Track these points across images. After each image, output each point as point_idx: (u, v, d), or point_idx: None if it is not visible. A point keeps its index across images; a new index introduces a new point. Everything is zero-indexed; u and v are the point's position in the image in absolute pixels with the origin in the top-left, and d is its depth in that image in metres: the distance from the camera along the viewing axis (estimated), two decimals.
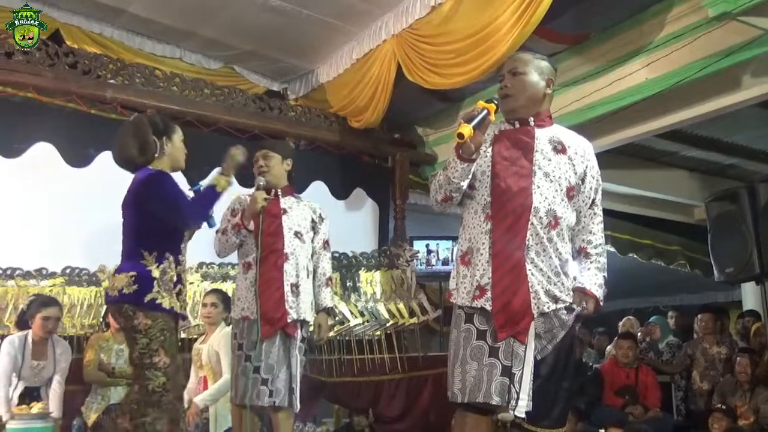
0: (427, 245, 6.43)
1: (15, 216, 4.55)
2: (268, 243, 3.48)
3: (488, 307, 2.44)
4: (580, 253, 2.63)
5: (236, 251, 3.63)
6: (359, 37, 5.58)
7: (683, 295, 10.30)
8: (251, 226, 3.50)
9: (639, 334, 6.85)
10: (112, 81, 5.07)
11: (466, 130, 2.35)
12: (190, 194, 3.26)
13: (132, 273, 2.89)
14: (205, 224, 3.24)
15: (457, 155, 2.45)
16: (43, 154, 4.80)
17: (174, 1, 5.24)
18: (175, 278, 2.96)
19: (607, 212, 2.71)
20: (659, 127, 5.05)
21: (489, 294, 2.44)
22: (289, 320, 3.45)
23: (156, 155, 3.07)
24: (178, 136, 3.18)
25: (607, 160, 5.71)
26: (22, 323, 4.16)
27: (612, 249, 7.76)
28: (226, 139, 5.53)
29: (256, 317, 3.41)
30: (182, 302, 3.01)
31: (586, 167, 2.60)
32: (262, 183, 3.56)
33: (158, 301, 2.88)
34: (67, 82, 4.90)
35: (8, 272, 4.53)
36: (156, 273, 2.91)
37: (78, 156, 4.84)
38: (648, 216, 7.99)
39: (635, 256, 8.29)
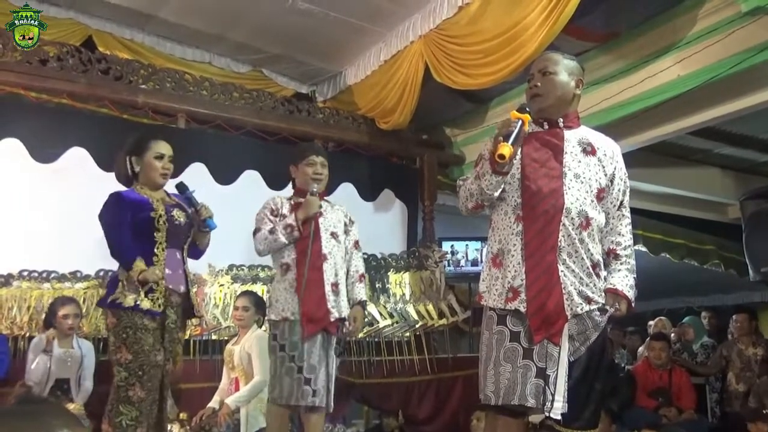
0: (452, 246, 6.41)
1: (50, 220, 4.63)
2: (308, 245, 3.50)
3: (522, 309, 2.43)
4: (609, 255, 2.62)
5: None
6: (387, 39, 5.59)
7: (717, 296, 10.13)
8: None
9: (672, 335, 6.75)
10: (143, 86, 5.13)
11: (507, 150, 2.34)
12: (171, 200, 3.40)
13: (108, 279, 3.17)
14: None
15: (493, 170, 2.45)
16: (76, 158, 4.88)
17: (203, 6, 5.30)
18: None
19: (638, 211, 2.70)
20: (691, 124, 4.97)
21: (523, 296, 2.43)
22: (332, 319, 3.51)
23: (130, 175, 3.31)
24: (150, 153, 3.29)
25: (638, 158, 5.65)
26: (48, 325, 4.27)
27: (643, 249, 7.66)
28: (256, 142, 5.59)
29: (297, 318, 3.44)
30: (154, 300, 3.10)
31: (615, 168, 2.59)
32: (315, 189, 3.61)
33: (119, 301, 3.07)
34: (99, 88, 4.98)
35: (44, 275, 4.61)
36: (123, 276, 3.13)
37: (111, 160, 4.87)
38: (680, 215, 7.87)
39: (667, 255, 8.17)
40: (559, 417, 2.37)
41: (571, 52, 2.72)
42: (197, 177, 4.97)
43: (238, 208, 4.03)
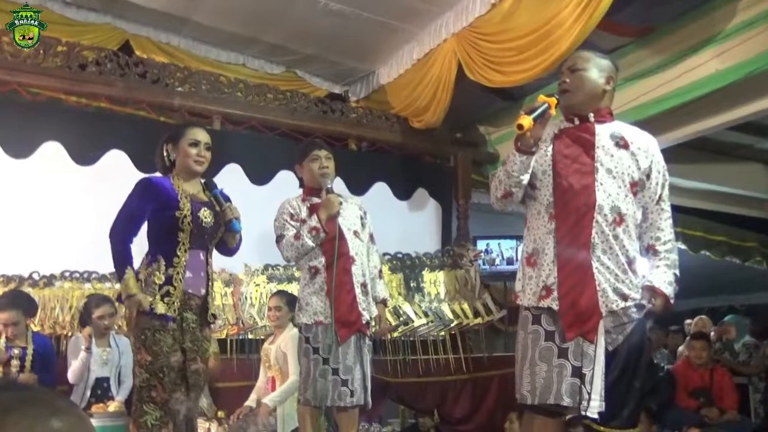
0: (487, 244, 6.36)
1: (90, 221, 4.71)
2: (334, 246, 3.47)
3: (555, 307, 2.42)
4: (648, 251, 2.58)
5: None
6: (419, 38, 5.58)
7: (760, 294, 9.90)
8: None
9: (712, 334, 6.62)
10: (179, 89, 5.21)
11: (526, 121, 2.36)
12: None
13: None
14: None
15: (516, 148, 2.47)
16: (114, 161, 4.97)
17: (237, 9, 5.35)
18: (162, 280, 2.98)
19: (678, 209, 2.66)
20: (732, 119, 4.87)
21: (555, 294, 2.43)
22: (364, 321, 3.50)
23: (167, 164, 3.20)
24: (185, 140, 3.15)
25: (676, 154, 5.55)
26: (84, 324, 4.33)
27: (683, 246, 7.53)
28: (290, 143, 5.63)
29: (331, 321, 3.42)
30: (170, 303, 2.98)
31: (651, 163, 2.55)
32: (330, 185, 3.57)
33: None
34: (137, 92, 5.07)
35: (85, 275, 4.72)
36: (142, 275, 3.00)
37: (148, 162, 4.95)
38: (722, 212, 7.71)
39: (708, 253, 8.01)
40: (596, 416, 2.35)
41: (606, 48, 2.71)
42: (232, 178, 5.04)
43: (273, 209, 4.06)
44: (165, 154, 3.20)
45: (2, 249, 4.53)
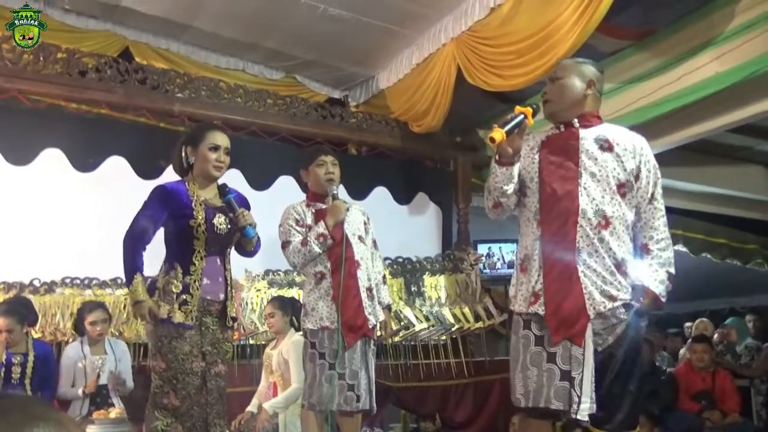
0: (489, 248, 6.37)
1: (90, 227, 4.73)
2: (340, 251, 3.47)
3: (542, 312, 2.47)
4: (642, 250, 2.61)
5: None
6: (419, 42, 5.59)
7: (761, 296, 9.89)
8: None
9: (715, 336, 6.62)
10: (179, 95, 5.21)
11: (498, 134, 2.44)
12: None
13: (146, 285, 3.00)
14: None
15: (495, 160, 2.56)
16: (115, 167, 4.98)
17: (237, 15, 5.36)
18: (180, 288, 2.96)
19: (679, 211, 2.67)
20: (732, 121, 4.87)
21: (542, 299, 2.48)
22: (370, 326, 3.51)
23: (185, 167, 3.14)
24: (205, 144, 3.09)
25: (677, 157, 5.56)
26: (80, 331, 4.36)
27: (684, 249, 7.52)
28: (290, 148, 5.64)
29: (337, 326, 3.41)
30: (187, 312, 2.96)
31: (640, 163, 2.58)
32: (336, 191, 3.56)
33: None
34: (137, 98, 5.08)
35: (86, 282, 4.72)
36: (160, 283, 3.00)
37: (149, 169, 5.00)
38: (722, 214, 7.70)
39: (709, 256, 8.00)
40: (586, 418, 2.37)
41: (605, 51, 2.74)
42: (233, 183, 4.99)
43: (273, 214, 4.06)
44: (183, 156, 3.13)
45: (3, 256, 4.53)
